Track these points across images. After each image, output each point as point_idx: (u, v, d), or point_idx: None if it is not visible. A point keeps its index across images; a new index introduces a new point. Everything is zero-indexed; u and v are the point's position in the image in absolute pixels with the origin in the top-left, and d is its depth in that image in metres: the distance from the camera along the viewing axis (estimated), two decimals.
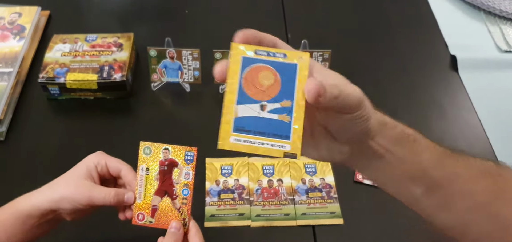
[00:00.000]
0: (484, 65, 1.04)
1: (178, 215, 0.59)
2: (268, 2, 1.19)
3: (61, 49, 0.96)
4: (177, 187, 0.59)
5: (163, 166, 0.59)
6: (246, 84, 0.43)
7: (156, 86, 0.96)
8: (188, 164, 0.59)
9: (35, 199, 0.60)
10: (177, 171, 0.59)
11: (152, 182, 0.60)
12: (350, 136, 0.46)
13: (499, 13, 1.13)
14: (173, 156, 0.59)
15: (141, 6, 1.18)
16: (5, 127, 0.88)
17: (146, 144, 0.60)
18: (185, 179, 0.59)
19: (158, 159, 0.60)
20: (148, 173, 0.60)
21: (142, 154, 0.60)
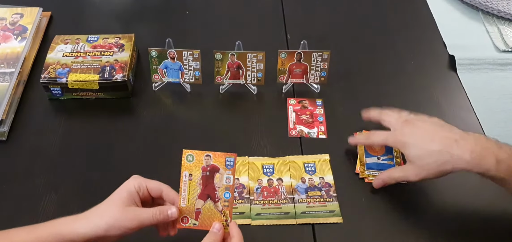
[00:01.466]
0: (482, 65, 1.04)
1: (220, 216, 0.63)
2: (268, 2, 1.20)
3: (63, 49, 0.96)
4: (219, 190, 0.63)
5: (206, 172, 0.63)
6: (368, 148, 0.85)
7: (157, 87, 0.97)
8: (228, 169, 0.63)
9: (80, 227, 0.60)
10: (219, 176, 0.63)
11: (195, 187, 0.63)
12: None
13: (497, 13, 1.13)
14: (215, 162, 0.63)
15: (142, 7, 1.19)
16: (7, 126, 0.89)
17: (189, 152, 0.63)
18: (226, 183, 0.63)
19: (201, 165, 0.63)
20: (191, 179, 0.63)
21: (185, 161, 0.63)
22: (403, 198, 0.82)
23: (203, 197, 0.63)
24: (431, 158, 0.70)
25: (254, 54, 0.91)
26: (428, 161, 0.70)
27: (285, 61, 0.93)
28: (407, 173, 0.74)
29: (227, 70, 0.93)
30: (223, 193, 0.63)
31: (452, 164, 0.68)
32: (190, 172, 0.63)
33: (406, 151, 0.74)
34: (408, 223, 0.79)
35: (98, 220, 0.60)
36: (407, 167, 0.75)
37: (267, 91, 0.97)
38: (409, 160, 0.74)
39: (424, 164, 0.71)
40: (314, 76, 0.95)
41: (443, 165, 0.69)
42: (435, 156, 0.69)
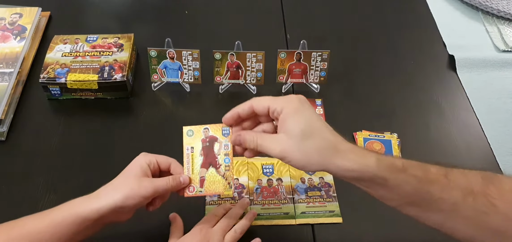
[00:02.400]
0: (482, 65, 1.04)
1: (223, 180, 0.68)
2: (267, 2, 1.20)
3: (62, 49, 0.96)
4: (219, 157, 0.68)
5: (205, 143, 0.68)
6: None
7: (156, 86, 0.97)
8: (225, 137, 0.68)
9: (95, 203, 0.61)
10: (217, 144, 0.68)
11: (197, 158, 0.68)
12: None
13: (497, 13, 1.13)
14: (213, 132, 0.68)
15: (141, 6, 1.18)
16: (6, 127, 0.89)
17: (188, 128, 0.69)
18: (225, 149, 0.68)
19: (200, 137, 0.69)
20: (193, 151, 0.69)
21: (186, 136, 0.69)
22: None
23: (205, 166, 0.68)
24: (314, 141, 0.58)
25: (253, 54, 0.91)
26: (310, 144, 0.58)
27: (284, 61, 0.93)
28: (278, 148, 0.59)
29: (226, 70, 0.93)
30: (223, 159, 0.68)
31: (336, 159, 0.57)
32: (191, 145, 0.69)
33: (287, 122, 0.59)
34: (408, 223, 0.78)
35: (114, 193, 0.62)
36: (281, 140, 0.59)
37: (267, 91, 0.97)
38: (286, 133, 0.59)
39: (304, 145, 0.58)
40: (314, 76, 0.95)
41: (325, 153, 0.57)
42: (320, 141, 0.58)
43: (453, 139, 0.91)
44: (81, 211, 0.61)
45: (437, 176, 0.56)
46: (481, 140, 0.91)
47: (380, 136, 0.89)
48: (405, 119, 0.94)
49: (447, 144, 0.91)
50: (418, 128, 0.93)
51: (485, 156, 0.89)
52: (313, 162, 0.58)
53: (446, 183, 0.56)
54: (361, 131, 0.89)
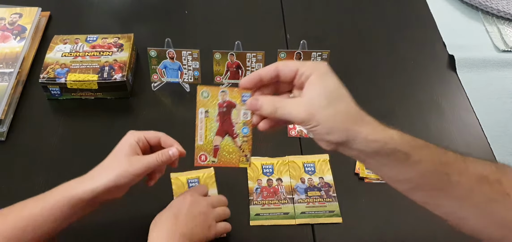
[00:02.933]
0: (482, 65, 1.04)
1: (239, 152, 0.62)
2: (267, 2, 1.20)
3: (62, 49, 0.96)
4: (236, 126, 0.61)
5: (222, 108, 0.61)
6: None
7: (156, 87, 0.97)
8: (245, 104, 0.60)
9: (88, 184, 0.63)
10: (235, 112, 0.61)
11: (212, 124, 0.61)
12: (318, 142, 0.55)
13: (497, 13, 1.13)
14: (231, 97, 0.60)
15: (141, 6, 1.18)
16: (6, 126, 0.89)
17: (204, 88, 0.61)
18: (244, 118, 0.61)
19: (216, 101, 0.61)
20: (207, 115, 0.61)
21: (200, 97, 0.61)
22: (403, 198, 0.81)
23: (221, 134, 0.62)
24: (339, 105, 0.54)
25: (253, 54, 0.91)
26: (334, 107, 0.53)
27: (284, 60, 0.93)
28: (301, 110, 0.54)
29: (226, 70, 0.93)
30: (241, 128, 0.61)
31: (360, 126, 0.53)
32: (206, 109, 0.61)
33: (313, 85, 0.54)
34: (407, 223, 0.78)
35: (107, 173, 0.64)
36: (304, 101, 0.54)
37: None
38: (310, 95, 0.54)
39: (327, 109, 0.53)
40: None
41: (347, 119, 0.53)
42: (345, 106, 0.54)
43: (453, 138, 0.91)
44: (74, 192, 0.63)
45: (455, 159, 0.55)
46: (481, 140, 0.91)
47: None
48: (405, 119, 0.94)
49: (447, 144, 0.89)
50: (418, 128, 0.93)
51: (485, 156, 0.89)
52: (339, 127, 0.53)
53: (464, 167, 0.54)
54: None
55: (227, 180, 0.83)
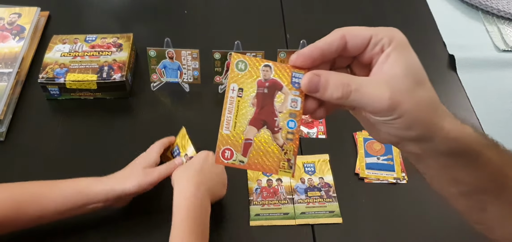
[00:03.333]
0: (482, 64, 1.04)
1: (280, 154, 0.44)
2: (267, 2, 1.19)
3: (61, 49, 0.96)
4: (280, 116, 0.44)
5: (263, 88, 0.44)
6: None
7: (156, 86, 0.97)
8: (296, 88, 0.44)
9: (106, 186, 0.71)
10: (281, 96, 0.44)
11: (247, 108, 0.44)
12: (383, 134, 0.42)
13: (497, 12, 1.13)
14: (276, 76, 0.45)
15: (140, 6, 1.18)
16: (5, 127, 0.88)
17: (241, 57, 0.45)
18: (292, 107, 0.44)
19: (256, 77, 0.45)
20: (241, 95, 0.45)
21: (234, 69, 0.45)
22: (403, 198, 0.81)
23: (257, 124, 0.44)
24: (423, 86, 0.41)
25: (253, 53, 0.91)
26: (419, 88, 0.41)
27: (284, 60, 0.93)
28: (383, 92, 0.39)
29: (226, 70, 0.93)
30: (287, 120, 0.44)
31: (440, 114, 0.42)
32: (241, 86, 0.45)
33: (393, 57, 0.41)
34: (407, 223, 0.78)
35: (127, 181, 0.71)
36: (385, 80, 0.40)
37: None
38: (393, 71, 0.40)
39: (412, 88, 0.40)
40: None
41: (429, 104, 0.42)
42: (429, 89, 0.42)
43: None
44: (89, 191, 0.69)
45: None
46: None
47: None
48: None
49: None
50: None
51: None
52: (422, 119, 0.40)
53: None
54: (361, 130, 0.89)
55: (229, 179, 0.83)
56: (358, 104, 0.40)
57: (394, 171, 0.84)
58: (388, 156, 0.86)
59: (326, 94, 0.41)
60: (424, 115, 0.40)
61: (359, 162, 0.85)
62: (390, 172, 0.84)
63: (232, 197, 0.81)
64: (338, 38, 0.42)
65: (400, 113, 0.39)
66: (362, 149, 0.86)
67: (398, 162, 0.85)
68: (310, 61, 0.42)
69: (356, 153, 0.86)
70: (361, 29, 0.42)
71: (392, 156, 0.86)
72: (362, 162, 0.85)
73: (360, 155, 0.86)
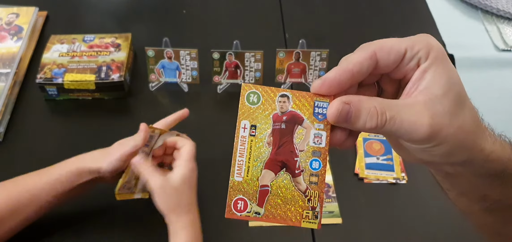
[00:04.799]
0: (481, 64, 1.04)
1: (302, 201, 0.38)
2: (266, 1, 1.19)
3: (59, 49, 0.95)
4: (301, 156, 0.39)
5: (280, 123, 0.39)
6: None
7: (154, 87, 0.96)
8: (319, 120, 0.38)
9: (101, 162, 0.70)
10: (302, 131, 0.38)
11: (261, 148, 0.38)
12: (417, 159, 0.38)
13: (497, 12, 1.13)
14: (296, 107, 0.38)
15: (139, 6, 1.18)
16: (3, 127, 0.88)
17: (253, 88, 0.39)
18: (315, 143, 0.39)
19: (272, 111, 0.39)
20: (254, 133, 0.39)
21: (245, 102, 0.39)
22: (402, 198, 0.81)
23: (274, 167, 0.38)
24: (462, 107, 0.36)
25: (252, 53, 0.91)
26: (471, 116, 0.37)
27: (283, 60, 0.92)
28: (442, 126, 0.34)
29: (225, 70, 0.93)
30: (310, 160, 0.38)
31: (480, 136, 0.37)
32: (253, 122, 0.39)
33: (446, 73, 0.36)
34: (407, 223, 0.78)
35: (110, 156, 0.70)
36: (439, 112, 0.34)
37: None
38: (442, 96, 0.35)
39: (466, 119, 0.36)
40: (313, 75, 0.95)
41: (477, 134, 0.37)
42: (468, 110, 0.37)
43: None
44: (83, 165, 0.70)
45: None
46: None
47: (380, 135, 0.88)
48: None
49: None
50: None
51: None
52: (465, 144, 0.35)
53: None
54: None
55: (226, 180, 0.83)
56: (395, 134, 0.35)
57: (393, 171, 0.84)
58: (388, 156, 0.85)
59: (358, 125, 0.35)
60: (467, 140, 0.35)
61: (358, 162, 0.85)
62: (389, 172, 0.83)
63: None
64: (368, 57, 0.36)
65: (441, 140, 0.34)
66: (361, 149, 0.86)
67: (398, 162, 0.85)
68: (337, 88, 0.36)
69: (356, 153, 0.86)
70: (393, 43, 0.37)
71: (392, 156, 0.85)
72: (361, 162, 0.84)
73: (359, 155, 0.85)
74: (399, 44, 0.37)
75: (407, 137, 0.35)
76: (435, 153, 0.35)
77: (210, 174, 0.84)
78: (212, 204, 0.79)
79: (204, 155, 0.86)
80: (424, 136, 0.34)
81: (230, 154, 0.37)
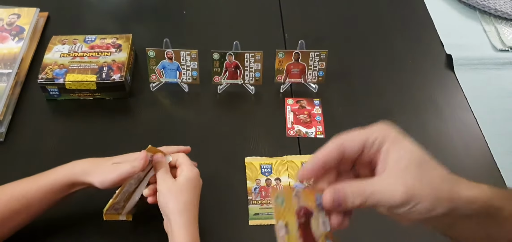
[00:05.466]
0: (479, 64, 1.05)
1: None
2: (265, 2, 1.20)
3: (60, 50, 0.96)
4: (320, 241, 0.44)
5: (300, 218, 0.45)
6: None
7: (155, 87, 0.97)
8: (321, 209, 0.45)
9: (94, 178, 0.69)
10: (314, 222, 0.45)
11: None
12: (410, 220, 0.45)
13: (495, 12, 1.14)
14: (305, 202, 0.45)
15: (139, 7, 1.18)
16: (4, 127, 0.89)
17: (277, 192, 0.46)
18: (323, 228, 0.45)
19: (294, 208, 0.45)
20: (288, 232, 0.44)
21: (277, 204, 0.45)
22: None
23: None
24: (430, 173, 0.43)
25: (251, 54, 0.91)
26: (438, 172, 0.44)
27: (283, 61, 0.93)
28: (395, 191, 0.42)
29: (225, 70, 0.93)
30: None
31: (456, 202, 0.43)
32: (285, 221, 0.45)
33: (405, 147, 0.44)
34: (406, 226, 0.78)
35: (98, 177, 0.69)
36: (409, 178, 0.42)
37: (265, 91, 0.97)
38: (407, 164, 0.43)
39: (434, 176, 0.43)
40: (312, 76, 0.95)
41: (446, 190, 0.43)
42: (444, 169, 0.44)
43: (451, 138, 0.92)
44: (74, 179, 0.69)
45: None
46: (479, 139, 0.92)
47: None
48: (403, 119, 0.95)
49: (445, 143, 0.91)
50: (416, 127, 0.93)
51: (483, 155, 0.89)
52: (443, 196, 0.42)
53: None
54: None
55: (225, 179, 0.83)
56: (378, 205, 0.43)
57: None
58: None
59: (347, 205, 0.43)
60: (441, 192, 0.42)
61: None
62: None
63: (231, 196, 0.81)
64: (336, 148, 0.45)
65: (419, 200, 0.41)
66: None
67: None
68: (314, 174, 0.46)
69: None
70: (354, 135, 0.45)
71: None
72: None
73: None
74: (359, 135, 0.45)
75: (389, 204, 0.42)
76: (419, 211, 0.42)
77: (210, 174, 0.84)
78: (212, 203, 0.80)
79: (204, 155, 0.87)
80: (401, 200, 0.41)
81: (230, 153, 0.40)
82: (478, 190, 0.44)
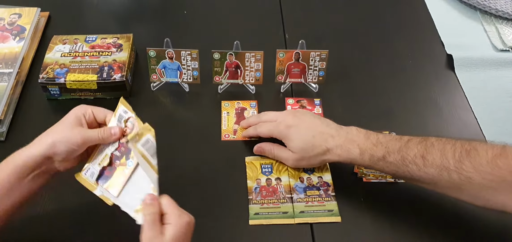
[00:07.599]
0: (480, 64, 1.04)
1: None
2: (266, 2, 1.20)
3: (61, 50, 0.96)
4: None
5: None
6: None
7: (155, 87, 0.97)
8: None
9: (29, 150, 0.65)
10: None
11: None
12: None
13: (495, 12, 1.14)
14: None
15: (140, 6, 1.19)
16: (5, 127, 0.89)
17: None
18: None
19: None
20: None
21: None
22: (401, 197, 0.82)
23: None
24: (311, 151, 0.78)
25: (252, 53, 0.91)
26: (309, 154, 0.79)
27: (283, 60, 0.93)
28: (289, 158, 0.82)
29: (225, 70, 0.93)
30: None
31: (328, 156, 0.77)
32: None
33: (289, 143, 0.81)
34: (407, 222, 0.79)
35: (46, 139, 0.65)
36: (289, 153, 0.81)
37: (266, 91, 0.97)
38: (291, 150, 0.81)
39: (304, 155, 0.79)
40: (312, 75, 0.96)
41: (320, 156, 0.78)
42: (315, 150, 0.78)
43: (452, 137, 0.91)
44: (17, 160, 0.64)
45: (414, 158, 0.68)
46: (479, 139, 0.91)
47: None
48: (403, 119, 0.95)
49: None
50: (416, 127, 0.93)
51: None
52: (312, 162, 0.81)
53: (422, 163, 0.68)
54: None
55: (226, 179, 0.83)
56: (279, 160, 0.85)
57: None
58: None
59: (265, 154, 0.86)
60: (312, 161, 0.81)
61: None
62: None
63: (231, 196, 0.81)
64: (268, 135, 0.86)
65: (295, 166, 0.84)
66: None
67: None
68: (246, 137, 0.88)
69: None
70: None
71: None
72: None
73: None
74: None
75: (283, 161, 0.84)
76: (308, 162, 0.82)
77: (211, 173, 0.84)
78: (213, 203, 0.80)
79: (204, 155, 0.87)
80: (287, 163, 0.84)
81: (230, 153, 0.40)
82: (343, 157, 0.77)
